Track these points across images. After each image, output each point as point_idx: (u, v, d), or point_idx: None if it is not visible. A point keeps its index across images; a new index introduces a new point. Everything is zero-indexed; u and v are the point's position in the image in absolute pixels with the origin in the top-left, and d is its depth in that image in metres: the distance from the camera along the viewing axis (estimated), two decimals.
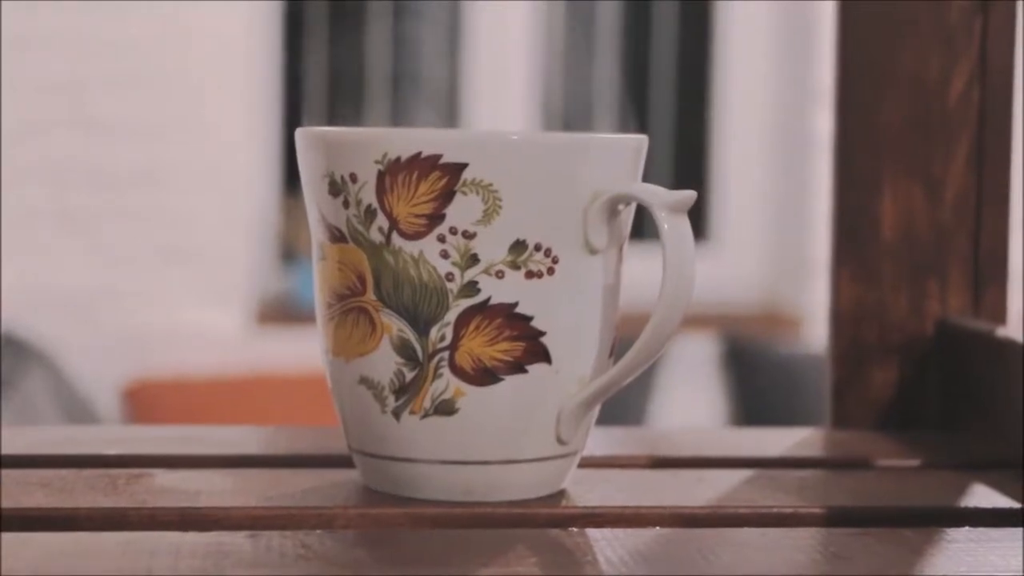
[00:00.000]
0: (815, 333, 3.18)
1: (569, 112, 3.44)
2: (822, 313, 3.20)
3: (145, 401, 2.97)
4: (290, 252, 3.24)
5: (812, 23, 3.24)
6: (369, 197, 0.57)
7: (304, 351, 2.95)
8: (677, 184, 3.39)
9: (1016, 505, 0.62)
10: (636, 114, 3.45)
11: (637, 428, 0.80)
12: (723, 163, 3.39)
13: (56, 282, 3.00)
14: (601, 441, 0.70)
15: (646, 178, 0.61)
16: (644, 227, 0.64)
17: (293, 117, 3.29)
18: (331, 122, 3.32)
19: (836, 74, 0.78)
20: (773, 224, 3.37)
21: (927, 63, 0.77)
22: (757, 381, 3.15)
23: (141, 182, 3.03)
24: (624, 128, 3.42)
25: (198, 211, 3.07)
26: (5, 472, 0.63)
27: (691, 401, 3.18)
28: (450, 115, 3.33)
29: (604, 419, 0.62)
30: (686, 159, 3.44)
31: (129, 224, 3.03)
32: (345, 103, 3.36)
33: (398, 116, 3.36)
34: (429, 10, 3.36)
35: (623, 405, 2.74)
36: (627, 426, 2.93)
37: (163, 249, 3.05)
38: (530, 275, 0.58)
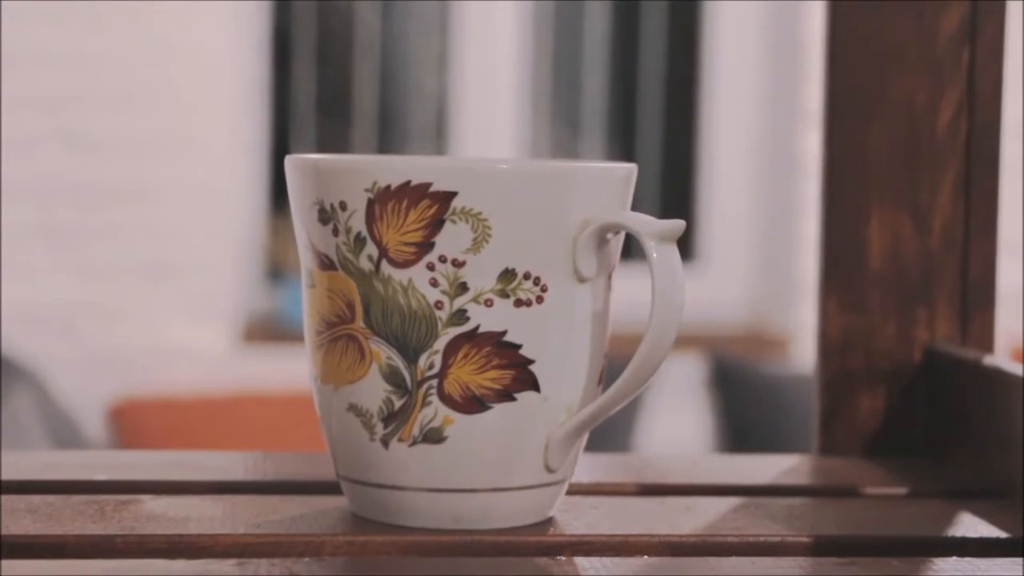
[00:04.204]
0: (801, 354, 3.18)
1: (556, 134, 3.45)
2: (809, 334, 3.20)
3: (130, 419, 2.96)
4: (277, 270, 3.23)
5: (800, 44, 3.25)
6: (359, 225, 0.58)
7: (291, 370, 2.94)
8: (664, 204, 3.41)
9: (1004, 535, 0.62)
10: (624, 135, 3.45)
11: (623, 454, 0.80)
12: (710, 183, 3.39)
13: (42, 299, 3.00)
14: (588, 468, 0.70)
15: (634, 198, 0.61)
16: (632, 250, 0.64)
17: (281, 134, 3.29)
18: (319, 140, 3.32)
19: (824, 103, 0.78)
20: (760, 244, 3.37)
21: (915, 92, 0.77)
22: (743, 401, 3.15)
23: (127, 199, 3.03)
24: (612, 149, 3.42)
25: (185, 229, 3.06)
26: None
27: (677, 421, 3.18)
28: (438, 135, 3.33)
29: (591, 438, 0.62)
30: (673, 179, 3.45)
31: (115, 241, 3.03)
32: (332, 121, 3.36)
33: (385, 134, 3.36)
34: (417, 31, 3.36)
35: (610, 424, 2.74)
36: (613, 447, 2.90)
37: (149, 267, 3.05)
38: (519, 303, 0.58)
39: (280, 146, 3.26)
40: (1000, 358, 0.73)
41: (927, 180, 0.77)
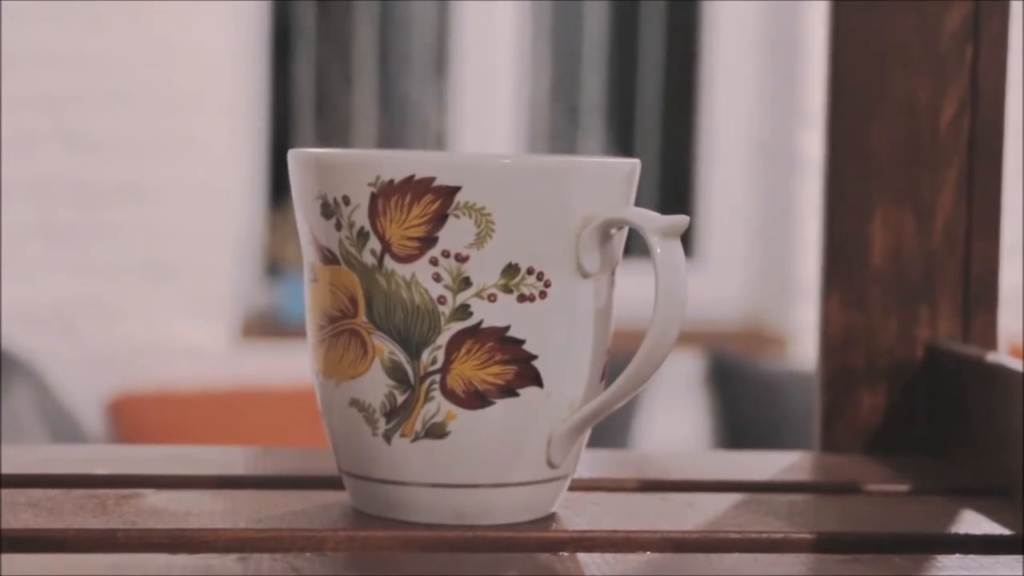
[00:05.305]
0: (800, 351, 3.18)
1: (555, 132, 3.45)
2: (806, 332, 3.19)
3: (129, 415, 2.96)
4: (275, 266, 3.23)
5: (799, 43, 3.25)
6: (362, 219, 0.57)
7: (289, 365, 2.94)
8: (663, 200, 3.41)
9: (1006, 532, 0.62)
10: (623, 132, 3.45)
11: (625, 451, 0.80)
12: (709, 181, 3.39)
13: (41, 296, 3.00)
14: (589, 464, 0.70)
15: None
16: (634, 246, 0.64)
17: (279, 132, 3.29)
18: (317, 137, 3.32)
19: (827, 100, 0.78)
20: (759, 242, 3.37)
21: (917, 89, 0.77)
22: (741, 399, 3.16)
23: (126, 197, 3.03)
24: (611, 148, 3.42)
25: (183, 225, 3.06)
26: None
27: (675, 417, 3.18)
28: (438, 135, 3.33)
29: (589, 435, 0.62)
30: (673, 177, 3.45)
31: (114, 239, 3.03)
32: (332, 118, 3.36)
33: (385, 131, 3.36)
34: (417, 30, 3.36)
35: (608, 422, 2.73)
36: (612, 443, 2.90)
37: (148, 263, 3.05)
38: (522, 299, 0.58)
39: (279, 145, 3.26)
40: (1002, 355, 0.73)
41: (929, 178, 0.77)
